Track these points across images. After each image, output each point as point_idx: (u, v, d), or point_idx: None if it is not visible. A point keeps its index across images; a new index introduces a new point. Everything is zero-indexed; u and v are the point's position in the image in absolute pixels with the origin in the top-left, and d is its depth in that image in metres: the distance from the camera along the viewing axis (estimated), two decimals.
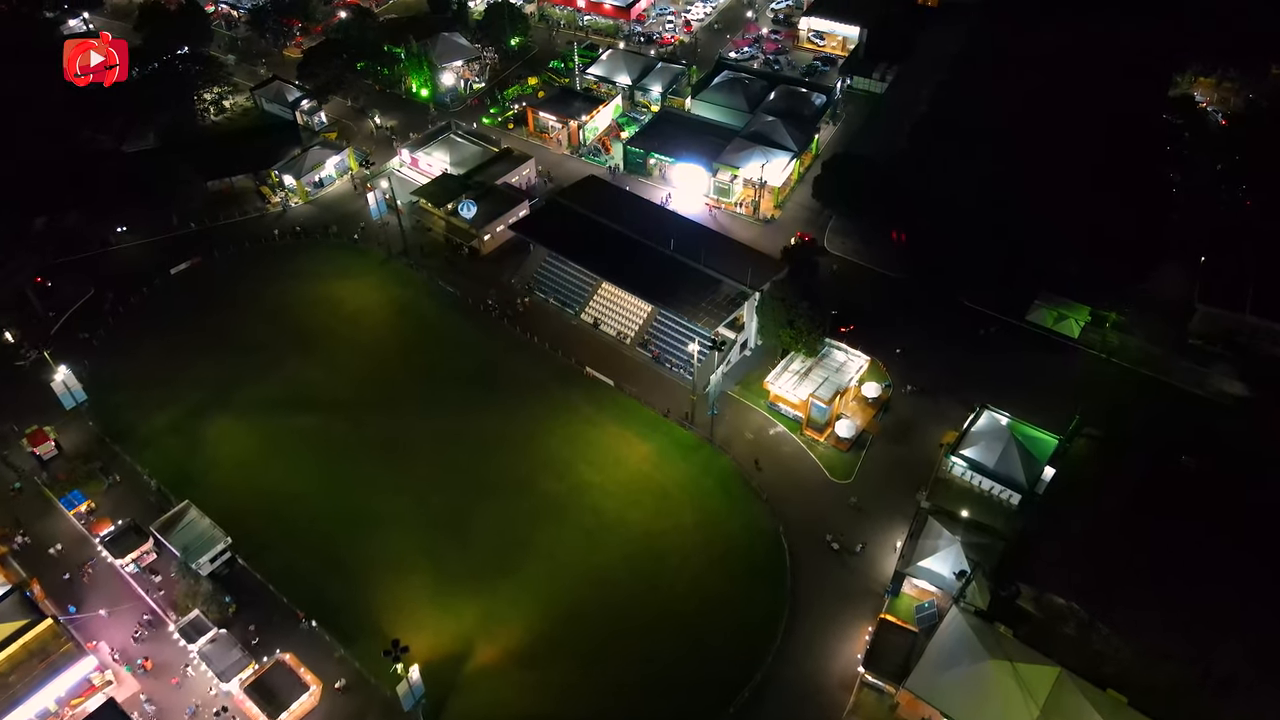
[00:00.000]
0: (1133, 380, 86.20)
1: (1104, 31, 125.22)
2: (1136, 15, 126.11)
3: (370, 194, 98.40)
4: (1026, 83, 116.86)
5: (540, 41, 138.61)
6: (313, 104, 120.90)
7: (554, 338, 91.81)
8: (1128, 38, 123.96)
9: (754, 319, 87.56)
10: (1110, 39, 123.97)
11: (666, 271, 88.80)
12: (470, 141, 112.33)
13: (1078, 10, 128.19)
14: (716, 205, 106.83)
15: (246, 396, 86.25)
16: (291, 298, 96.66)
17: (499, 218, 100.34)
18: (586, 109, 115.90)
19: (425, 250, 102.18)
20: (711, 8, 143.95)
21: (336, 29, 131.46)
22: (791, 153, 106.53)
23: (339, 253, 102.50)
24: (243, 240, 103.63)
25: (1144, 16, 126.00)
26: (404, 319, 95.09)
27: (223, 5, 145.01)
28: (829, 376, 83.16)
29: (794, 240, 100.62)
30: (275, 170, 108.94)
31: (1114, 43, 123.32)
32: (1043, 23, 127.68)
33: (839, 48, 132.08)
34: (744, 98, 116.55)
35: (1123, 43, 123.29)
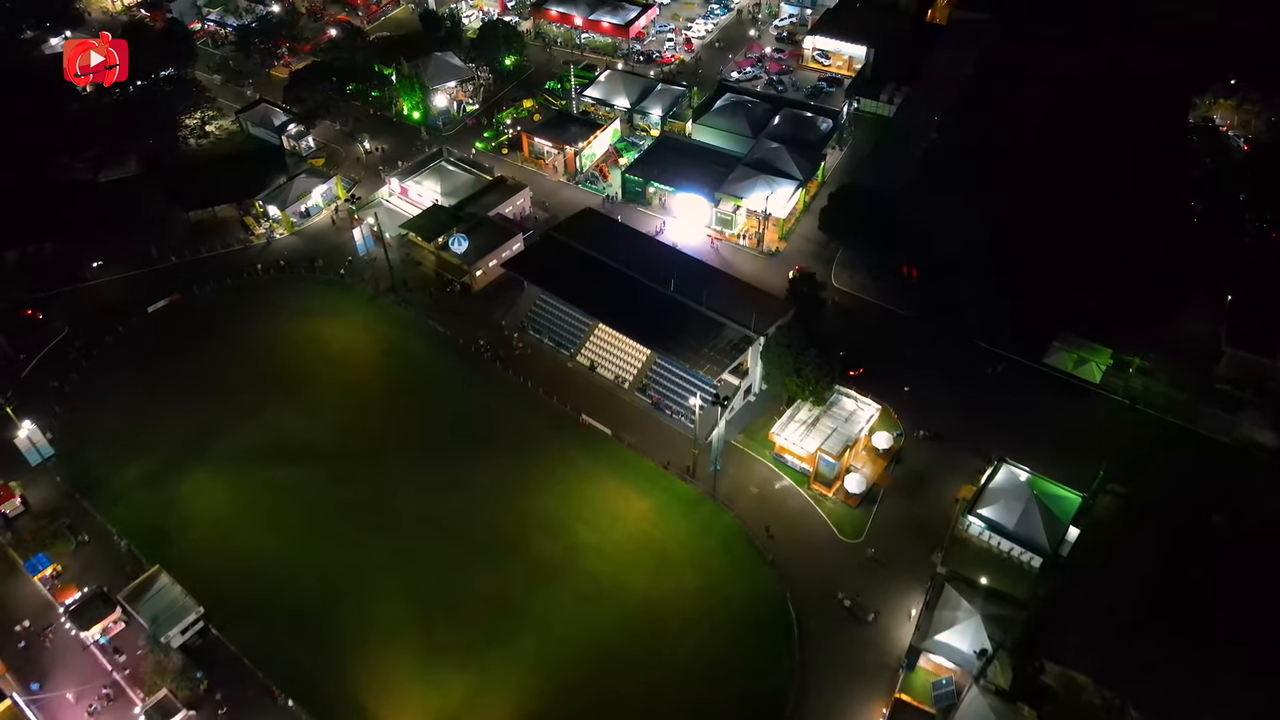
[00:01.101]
0: (1157, 428, 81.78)
1: (1121, 51, 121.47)
2: (1154, 34, 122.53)
3: (356, 229, 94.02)
4: (1041, 106, 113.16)
5: (536, 61, 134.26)
6: (300, 128, 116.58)
7: (548, 381, 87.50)
8: (1146, 57, 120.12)
9: (758, 364, 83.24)
10: (1128, 59, 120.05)
11: (666, 313, 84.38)
12: (462, 169, 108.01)
13: (1093, 29, 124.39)
14: (719, 236, 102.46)
15: (224, 446, 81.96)
16: (273, 338, 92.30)
17: (491, 252, 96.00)
18: (583, 134, 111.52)
19: (414, 285, 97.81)
20: (713, 24, 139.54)
21: (325, 49, 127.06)
22: (797, 181, 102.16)
23: (324, 289, 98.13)
24: (224, 275, 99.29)
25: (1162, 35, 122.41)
26: (391, 361, 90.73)
27: (209, 23, 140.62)
28: (838, 427, 78.81)
29: (792, 274, 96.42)
30: (259, 200, 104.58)
31: (1131, 63, 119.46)
32: (1056, 41, 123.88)
33: (845, 67, 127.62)
34: (747, 122, 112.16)
35: (1141, 63, 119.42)
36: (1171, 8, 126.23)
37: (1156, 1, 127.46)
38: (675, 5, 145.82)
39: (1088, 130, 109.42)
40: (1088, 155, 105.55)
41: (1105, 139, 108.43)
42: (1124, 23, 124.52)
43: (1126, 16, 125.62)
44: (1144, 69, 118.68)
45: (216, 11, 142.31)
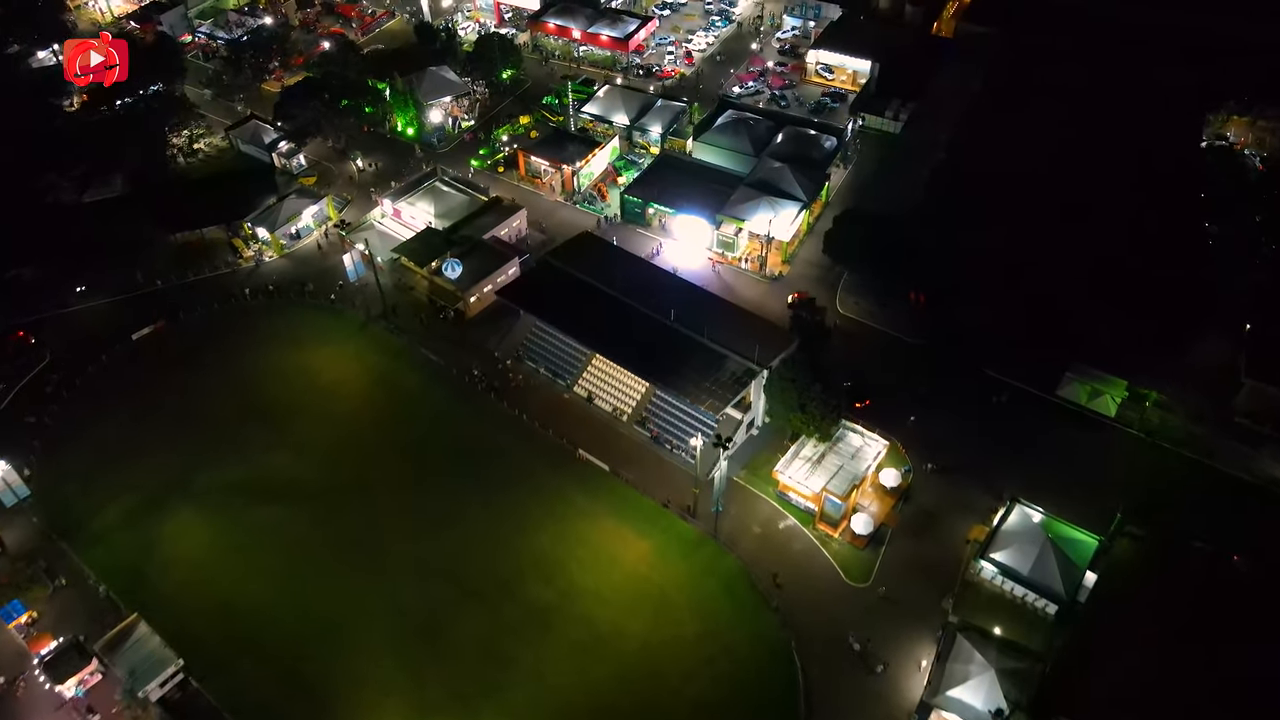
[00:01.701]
0: (1174, 463, 78.87)
1: (1130, 65, 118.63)
2: (1165, 47, 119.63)
3: (346, 254, 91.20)
4: (1049, 123, 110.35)
5: (533, 74, 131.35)
6: (291, 146, 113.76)
7: (544, 413, 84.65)
8: (1156, 71, 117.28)
9: (761, 397, 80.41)
10: (1138, 73, 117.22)
11: (667, 345, 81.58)
12: (456, 190, 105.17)
13: (1101, 41, 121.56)
14: (720, 260, 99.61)
15: (208, 483, 79.17)
16: (261, 367, 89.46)
17: (487, 277, 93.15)
18: (581, 152, 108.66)
19: (407, 311, 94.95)
20: (714, 37, 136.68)
21: (317, 63, 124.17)
22: (800, 203, 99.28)
23: (314, 315, 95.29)
24: (212, 300, 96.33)
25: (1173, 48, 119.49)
26: (382, 392, 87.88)
27: (199, 36, 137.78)
28: (844, 464, 76.01)
29: (791, 299, 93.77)
30: (248, 222, 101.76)
31: (1142, 78, 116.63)
32: (1064, 54, 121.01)
33: (849, 82, 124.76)
34: (749, 140, 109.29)
35: (1151, 77, 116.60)
36: (1182, 20, 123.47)
37: (1166, 13, 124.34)
38: (675, 16, 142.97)
39: (1098, 149, 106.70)
40: (1098, 175, 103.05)
41: (1116, 158, 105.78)
42: (1133, 35, 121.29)
43: (1135, 29, 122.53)
44: (1155, 83, 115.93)
45: (208, 24, 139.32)
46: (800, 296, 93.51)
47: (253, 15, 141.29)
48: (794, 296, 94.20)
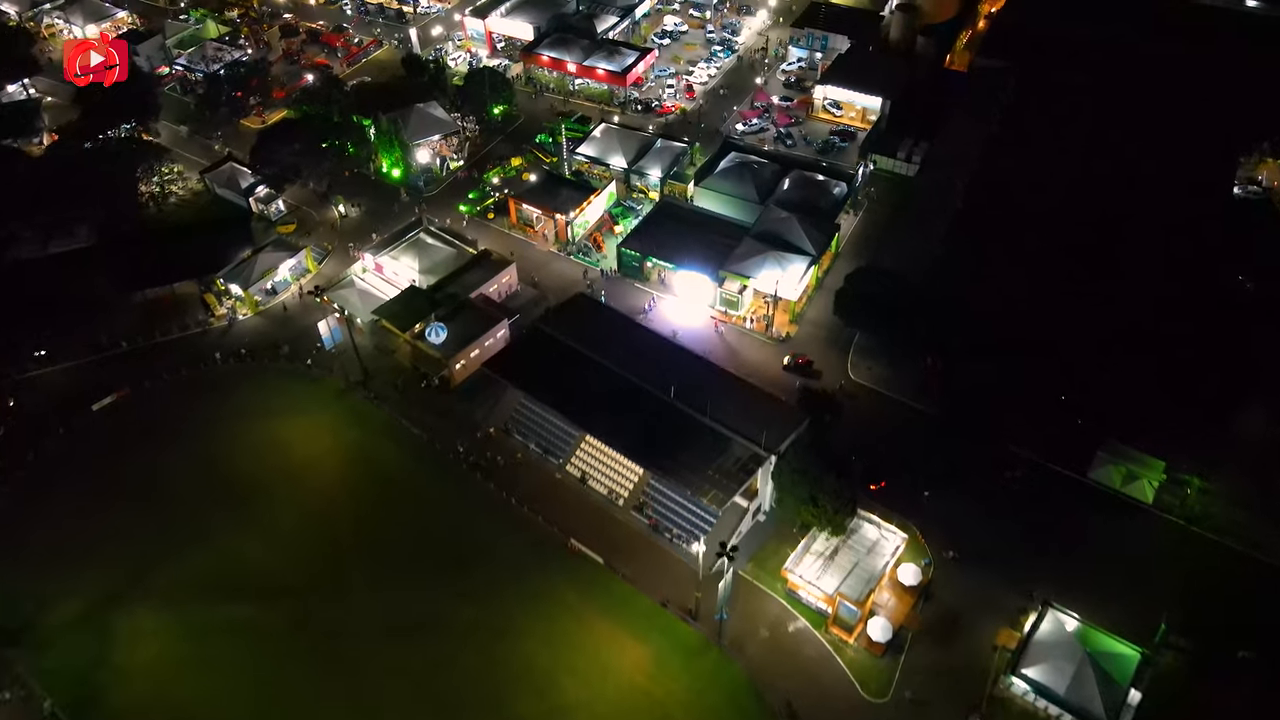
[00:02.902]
0: (1218, 555, 72.64)
1: (1155, 103, 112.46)
2: (1191, 84, 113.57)
3: (322, 321, 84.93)
4: (1073, 170, 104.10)
5: (526, 109, 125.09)
6: (269, 191, 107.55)
7: (534, 495, 78.37)
8: (1183, 111, 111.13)
9: (769, 483, 74.19)
10: (1163, 112, 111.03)
11: (666, 425, 75.41)
12: (442, 242, 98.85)
13: (1127, 78, 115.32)
14: (723, 319, 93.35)
15: (170, 577, 72.98)
16: (230, 443, 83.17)
17: (473, 342, 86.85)
18: (576, 200, 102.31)
19: (388, 376, 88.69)
20: (716, 69, 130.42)
21: (299, 98, 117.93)
22: (809, 258, 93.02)
23: (289, 382, 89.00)
24: (180, 364, 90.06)
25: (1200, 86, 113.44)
26: (359, 472, 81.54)
27: (177, 67, 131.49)
28: (859, 561, 69.84)
29: (788, 360, 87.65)
30: (220, 279, 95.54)
31: (1170, 118, 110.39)
32: (1085, 92, 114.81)
33: (858, 119, 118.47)
34: (753, 186, 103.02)
35: (1178, 117, 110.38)
36: (1210, 53, 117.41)
37: (1193, 46, 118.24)
38: (675, 46, 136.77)
39: (1124, 199, 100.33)
40: (1125, 229, 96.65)
41: (1144, 209, 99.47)
42: (1157, 70, 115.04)
43: (1159, 63, 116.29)
44: (1182, 124, 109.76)
45: (187, 55, 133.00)
46: (800, 360, 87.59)
47: (233, 45, 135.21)
48: (790, 357, 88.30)
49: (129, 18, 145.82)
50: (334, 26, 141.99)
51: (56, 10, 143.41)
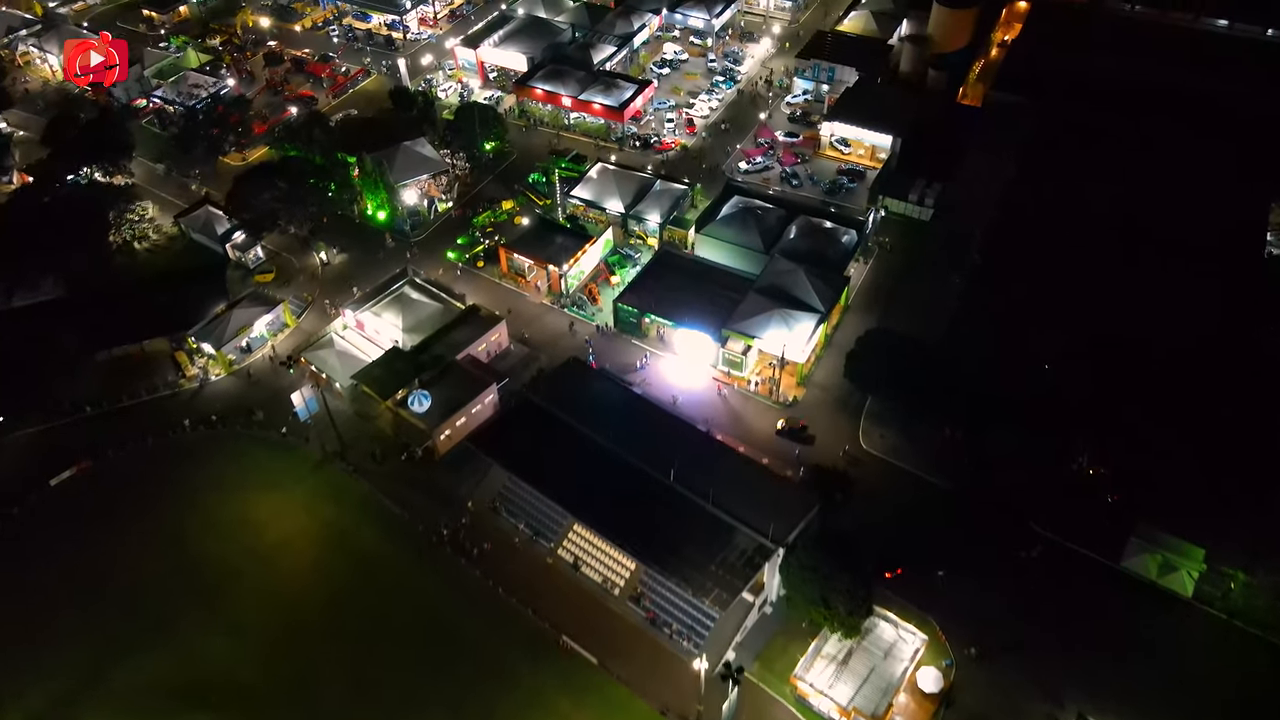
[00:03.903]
0: (1263, 654, 66.97)
1: (1181, 142, 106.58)
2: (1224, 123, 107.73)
3: (295, 393, 79.21)
4: (1096, 220, 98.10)
5: (519, 144, 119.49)
6: (247, 237, 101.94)
7: (523, 583, 72.63)
8: (1211, 151, 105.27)
9: (776, 575, 68.50)
10: (1194, 156, 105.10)
11: (665, 511, 69.74)
12: (428, 296, 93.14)
13: (1150, 115, 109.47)
14: (726, 380, 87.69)
15: (127, 679, 67.52)
16: (196, 521, 77.54)
17: (460, 410, 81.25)
18: (570, 249, 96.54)
19: (368, 444, 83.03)
20: (718, 101, 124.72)
21: (280, 135, 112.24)
22: (818, 315, 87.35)
23: (262, 452, 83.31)
24: (147, 431, 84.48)
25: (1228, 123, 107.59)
26: (335, 556, 75.74)
27: (155, 100, 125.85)
28: (875, 666, 64.24)
29: (782, 425, 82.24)
30: (192, 337, 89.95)
31: (1199, 161, 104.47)
32: (1106, 131, 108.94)
33: (868, 157, 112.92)
34: (758, 233, 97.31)
35: (1206, 158, 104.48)
36: (1240, 89, 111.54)
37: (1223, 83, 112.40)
38: (675, 75, 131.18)
39: (1151, 250, 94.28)
40: (1152, 286, 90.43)
41: (1173, 259, 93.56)
42: (1182, 108, 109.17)
43: (1185, 99, 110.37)
44: (1210, 165, 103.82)
45: (166, 86, 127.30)
46: (793, 426, 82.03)
47: (215, 75, 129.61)
48: (783, 422, 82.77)
49: None
50: (320, 56, 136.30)
51: (31, 38, 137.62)
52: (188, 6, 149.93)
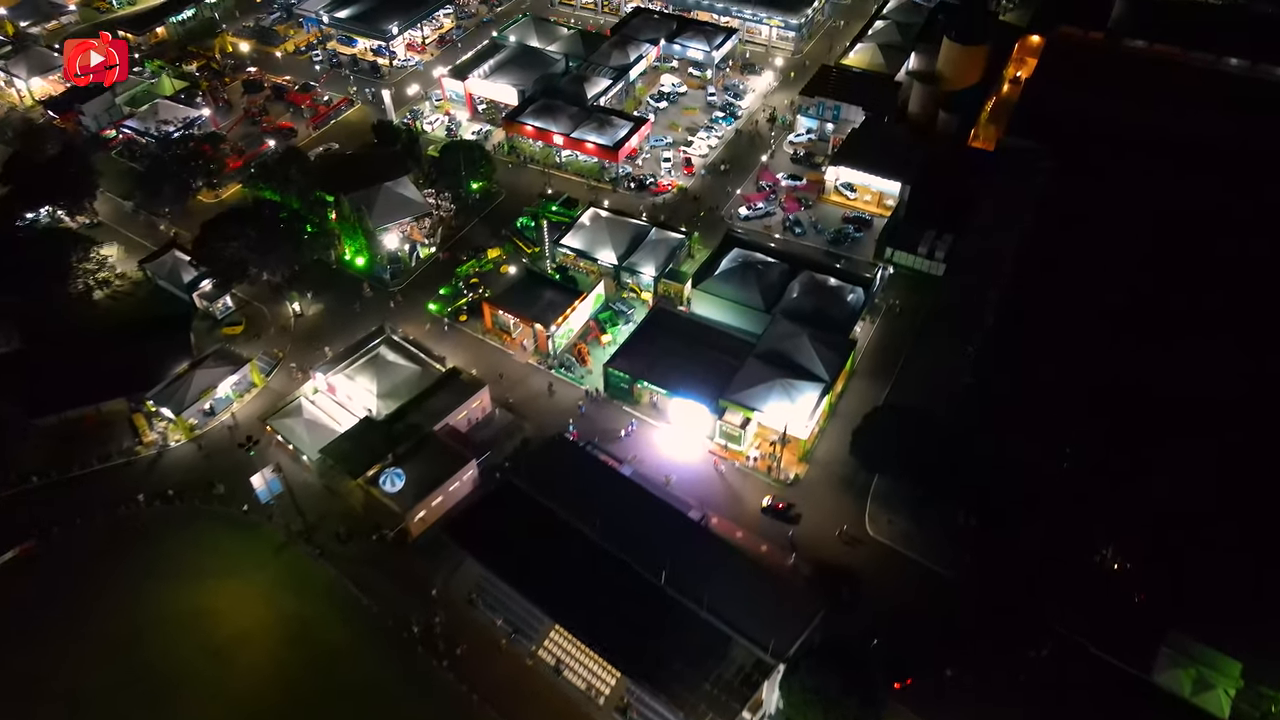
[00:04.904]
0: None
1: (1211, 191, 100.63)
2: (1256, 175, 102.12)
3: (257, 475, 73.17)
4: (1120, 281, 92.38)
5: (508, 182, 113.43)
6: (215, 286, 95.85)
7: (501, 688, 66.54)
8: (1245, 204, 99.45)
9: (775, 690, 62.64)
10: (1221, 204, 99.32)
11: (655, 616, 63.84)
12: (406, 358, 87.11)
13: (1176, 165, 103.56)
14: (723, 454, 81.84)
15: None
16: (146, 613, 71.24)
17: (436, 488, 75.30)
18: (558, 305, 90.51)
19: (338, 521, 77.02)
20: (717, 139, 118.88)
21: (256, 173, 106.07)
22: (822, 384, 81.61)
23: (221, 531, 77.13)
24: (97, 505, 78.29)
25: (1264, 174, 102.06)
26: (296, 654, 69.38)
27: (125, 130, 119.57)
28: None
29: (767, 502, 77.08)
30: (150, 400, 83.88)
31: (1227, 219, 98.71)
32: (1128, 181, 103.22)
33: (874, 203, 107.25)
34: (758, 290, 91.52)
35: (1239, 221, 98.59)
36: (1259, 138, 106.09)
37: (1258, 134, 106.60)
38: (673, 109, 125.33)
39: (1182, 319, 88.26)
40: (1185, 354, 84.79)
41: (1205, 324, 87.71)
42: (1210, 159, 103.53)
43: (1213, 151, 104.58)
44: (1242, 227, 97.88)
45: (138, 115, 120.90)
46: (778, 505, 76.45)
47: (190, 103, 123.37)
48: (769, 499, 77.17)
49: None
50: (301, 85, 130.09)
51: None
52: (165, 27, 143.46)
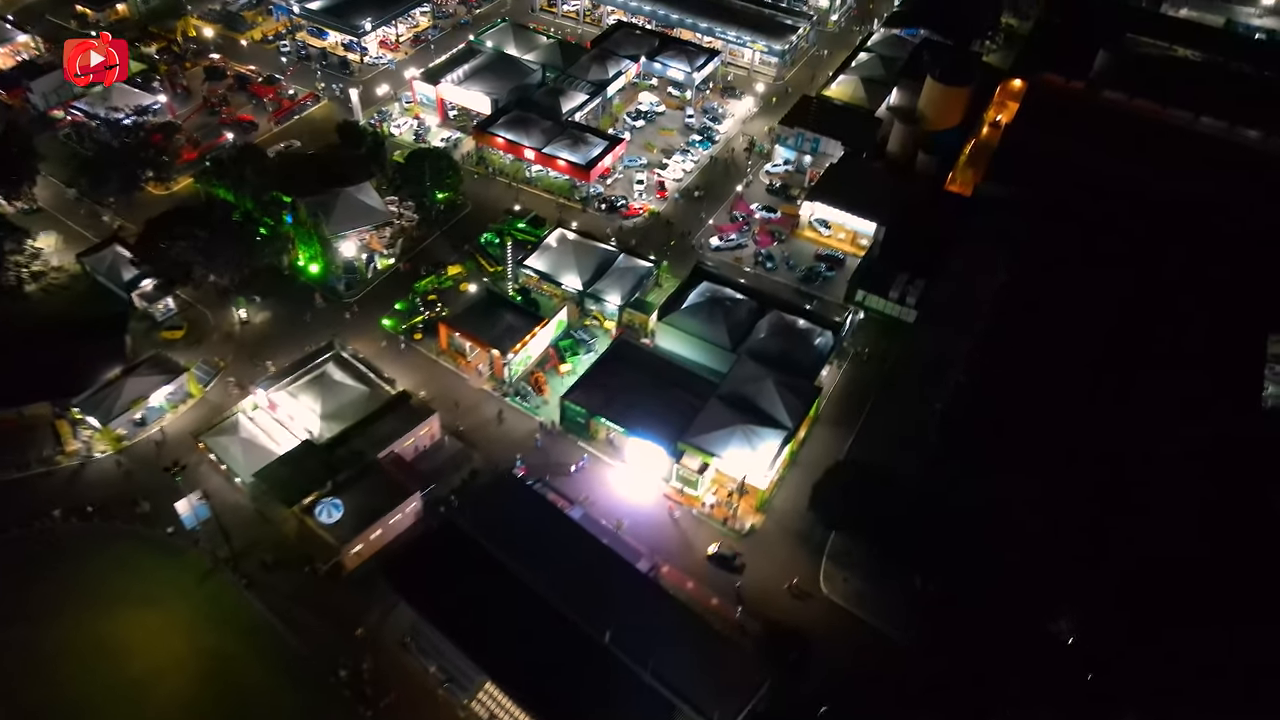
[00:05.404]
0: None
1: (1183, 264, 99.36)
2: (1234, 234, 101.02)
3: (182, 501, 68.93)
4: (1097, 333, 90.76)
5: (475, 195, 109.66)
6: (156, 286, 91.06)
7: None
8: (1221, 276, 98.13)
9: None
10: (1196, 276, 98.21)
11: (596, 678, 60.81)
12: (354, 377, 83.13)
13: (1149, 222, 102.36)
14: (678, 499, 79.03)
15: None
16: (54, 643, 66.50)
17: (376, 521, 71.57)
18: (517, 331, 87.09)
19: (265, 550, 72.85)
20: (693, 163, 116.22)
21: (210, 169, 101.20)
22: (785, 432, 79.22)
23: (143, 554, 72.55)
24: (10, 520, 73.41)
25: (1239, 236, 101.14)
26: (213, 698, 65.13)
27: (74, 112, 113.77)
28: None
29: (714, 550, 74.73)
30: (76, 408, 79.05)
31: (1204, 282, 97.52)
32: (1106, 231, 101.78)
33: (848, 241, 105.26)
34: (725, 327, 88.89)
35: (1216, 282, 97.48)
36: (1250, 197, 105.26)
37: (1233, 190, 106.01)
38: (650, 129, 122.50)
39: (1156, 382, 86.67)
40: (1155, 428, 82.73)
41: (1179, 391, 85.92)
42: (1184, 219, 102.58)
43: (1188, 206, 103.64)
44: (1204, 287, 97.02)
45: (91, 97, 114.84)
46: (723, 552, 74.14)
47: (146, 87, 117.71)
48: (715, 546, 74.84)
49: (32, 42, 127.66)
50: (266, 77, 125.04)
51: None
52: (126, 4, 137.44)
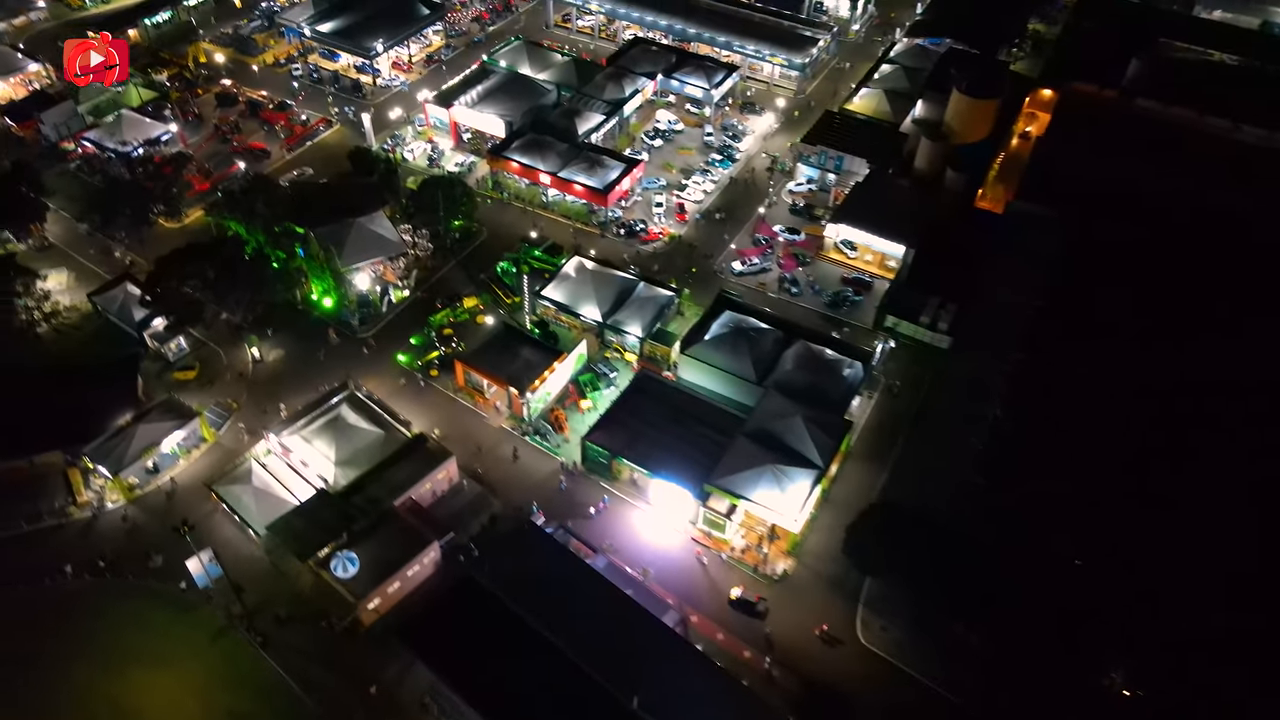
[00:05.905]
0: None
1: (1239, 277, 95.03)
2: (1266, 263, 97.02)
3: (192, 560, 66.79)
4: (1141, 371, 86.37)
5: (490, 221, 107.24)
6: (168, 325, 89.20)
7: None
8: None
9: None
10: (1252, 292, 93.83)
11: None
12: (368, 419, 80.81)
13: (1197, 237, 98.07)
14: (706, 544, 76.08)
15: None
16: (67, 703, 64.69)
17: (393, 574, 69.11)
18: (535, 367, 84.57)
19: (284, 601, 70.59)
20: (712, 183, 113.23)
21: (222, 201, 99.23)
22: (816, 471, 76.09)
23: (155, 611, 70.48)
24: (20, 576, 71.53)
25: None
26: None
27: (84, 144, 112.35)
28: None
29: (737, 595, 71.67)
30: (87, 457, 77.19)
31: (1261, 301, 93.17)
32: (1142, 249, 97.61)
33: (875, 264, 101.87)
34: (750, 360, 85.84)
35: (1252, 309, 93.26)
36: None
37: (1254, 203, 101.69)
38: (668, 148, 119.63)
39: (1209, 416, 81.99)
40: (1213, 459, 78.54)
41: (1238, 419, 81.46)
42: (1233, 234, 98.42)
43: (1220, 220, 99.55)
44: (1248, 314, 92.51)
45: (102, 128, 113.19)
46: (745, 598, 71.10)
47: (158, 116, 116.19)
48: (739, 592, 71.71)
49: (42, 71, 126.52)
50: (278, 102, 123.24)
51: None
52: (137, 30, 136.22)
